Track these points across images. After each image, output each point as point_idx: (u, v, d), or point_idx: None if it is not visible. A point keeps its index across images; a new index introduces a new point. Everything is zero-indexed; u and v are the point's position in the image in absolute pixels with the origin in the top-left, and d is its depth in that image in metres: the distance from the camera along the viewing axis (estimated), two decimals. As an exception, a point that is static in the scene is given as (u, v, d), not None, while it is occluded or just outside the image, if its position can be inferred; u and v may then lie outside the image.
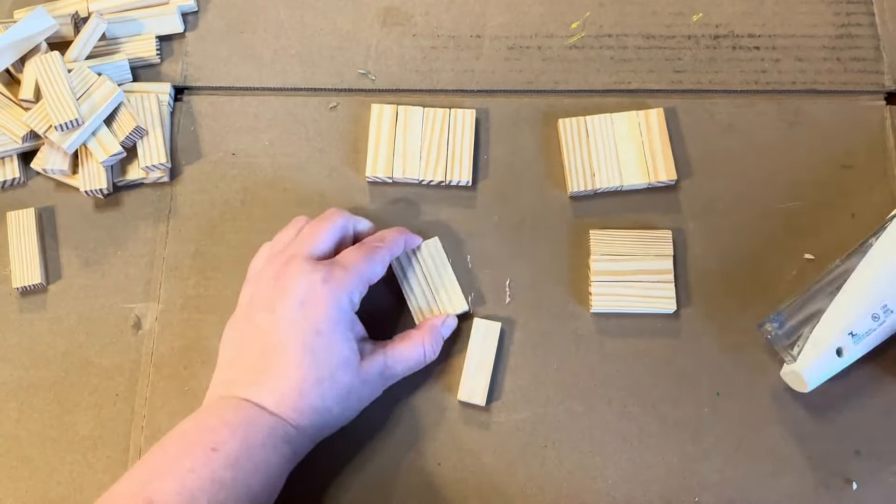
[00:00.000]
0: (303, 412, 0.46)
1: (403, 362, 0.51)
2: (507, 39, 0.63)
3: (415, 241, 0.55)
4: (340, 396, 0.47)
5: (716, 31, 0.63)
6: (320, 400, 0.47)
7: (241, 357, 0.48)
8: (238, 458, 0.44)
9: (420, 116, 0.59)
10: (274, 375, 0.47)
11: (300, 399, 0.46)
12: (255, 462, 0.44)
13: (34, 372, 0.55)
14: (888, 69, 0.62)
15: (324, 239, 0.50)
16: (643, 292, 0.54)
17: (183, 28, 0.63)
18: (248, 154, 0.60)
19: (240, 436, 0.44)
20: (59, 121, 0.55)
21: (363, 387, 0.49)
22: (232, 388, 0.47)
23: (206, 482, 0.42)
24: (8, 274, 0.57)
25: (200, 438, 0.44)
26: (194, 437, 0.45)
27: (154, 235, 0.58)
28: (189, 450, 0.44)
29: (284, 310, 0.47)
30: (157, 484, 0.42)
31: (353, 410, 0.50)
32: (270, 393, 0.46)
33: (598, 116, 0.59)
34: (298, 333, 0.46)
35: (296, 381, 0.46)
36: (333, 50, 0.63)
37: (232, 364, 0.49)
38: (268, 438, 0.45)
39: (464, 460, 0.52)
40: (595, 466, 0.52)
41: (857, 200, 0.58)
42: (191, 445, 0.44)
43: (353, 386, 0.48)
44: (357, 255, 0.50)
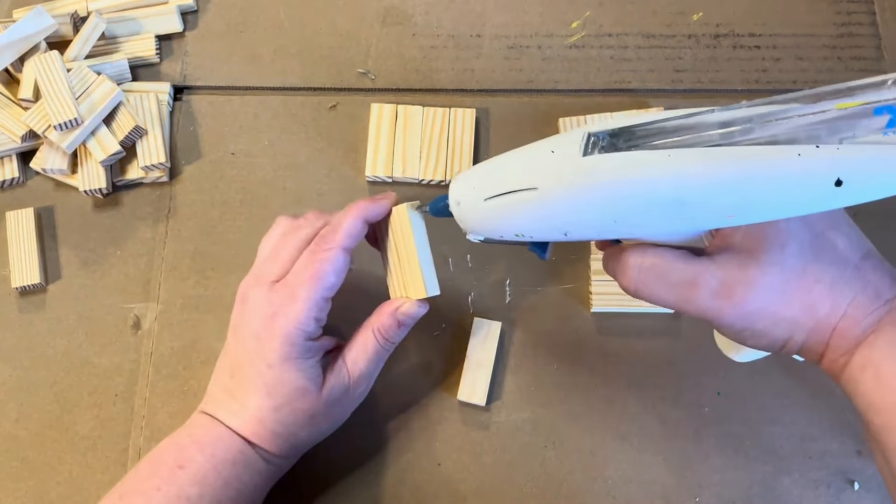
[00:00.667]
0: (265, 438, 0.46)
1: (364, 358, 0.48)
2: (507, 39, 0.63)
3: (377, 209, 0.48)
4: (303, 422, 0.47)
5: (716, 30, 0.63)
6: (282, 427, 0.46)
7: (219, 377, 0.49)
8: (206, 475, 0.44)
9: (420, 116, 0.59)
10: (237, 399, 0.47)
11: (260, 425, 0.46)
12: (225, 478, 0.45)
13: (34, 372, 0.55)
14: (889, 68, 0.61)
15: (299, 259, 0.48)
16: None
17: (182, 27, 0.63)
18: (247, 154, 0.60)
19: (208, 453, 0.45)
20: (58, 120, 0.55)
21: (330, 409, 0.48)
22: (208, 405, 0.48)
23: (173, 499, 0.43)
24: (7, 274, 0.57)
25: (169, 457, 0.45)
26: (163, 456, 0.45)
27: (153, 235, 0.58)
28: (157, 469, 0.45)
29: (244, 337, 0.47)
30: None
31: (324, 432, 0.49)
32: (234, 414, 0.47)
33: (598, 115, 0.59)
34: (254, 363, 0.46)
35: (253, 408, 0.46)
36: (333, 50, 0.63)
37: (214, 382, 0.49)
38: (238, 455, 0.45)
39: (464, 460, 0.52)
40: (595, 466, 0.52)
41: (857, 200, 0.58)
42: (159, 464, 0.45)
43: (315, 411, 0.47)
44: (305, 266, 0.46)
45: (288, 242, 0.48)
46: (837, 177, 0.31)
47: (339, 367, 0.48)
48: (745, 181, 0.33)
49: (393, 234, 0.48)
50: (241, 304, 0.48)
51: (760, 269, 0.36)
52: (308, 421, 0.47)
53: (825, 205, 0.33)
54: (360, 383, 0.48)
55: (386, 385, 0.54)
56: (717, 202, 0.34)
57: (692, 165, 0.33)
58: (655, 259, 0.38)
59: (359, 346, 0.48)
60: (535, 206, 0.38)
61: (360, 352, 0.48)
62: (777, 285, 0.36)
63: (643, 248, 0.39)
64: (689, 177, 0.34)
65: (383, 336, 0.48)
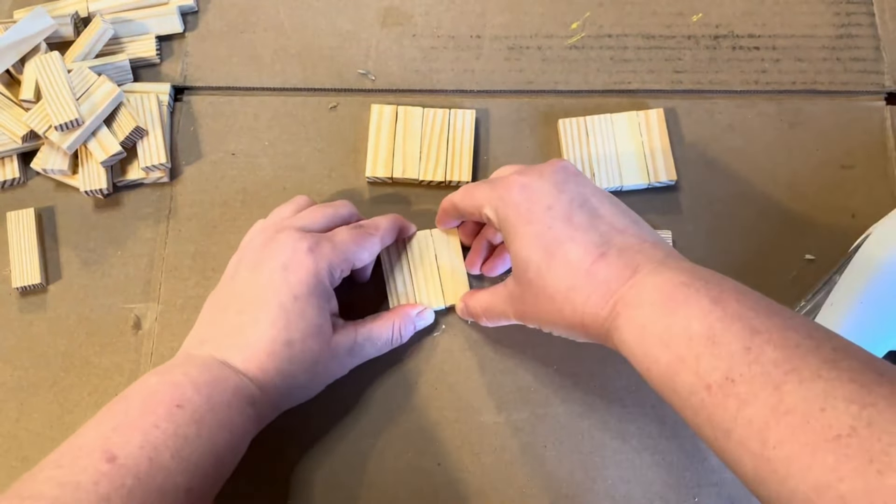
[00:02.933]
0: (268, 372, 0.46)
1: (372, 341, 0.51)
2: (507, 39, 0.63)
3: (409, 229, 0.55)
4: (308, 364, 0.48)
5: (716, 31, 0.63)
6: (287, 363, 0.47)
7: (218, 318, 0.48)
8: (203, 415, 0.43)
9: (420, 116, 0.59)
10: (246, 333, 0.47)
11: (268, 359, 0.46)
12: (220, 420, 0.44)
13: (34, 372, 0.55)
14: (888, 69, 0.62)
15: (323, 223, 0.51)
16: None
17: (183, 28, 0.63)
18: (247, 154, 0.60)
19: (205, 393, 0.44)
20: (58, 121, 0.55)
21: (331, 360, 0.49)
22: (203, 346, 0.47)
23: (170, 437, 0.42)
24: (8, 274, 0.57)
25: (165, 394, 0.44)
26: (159, 393, 0.44)
27: (154, 235, 0.58)
28: (153, 405, 0.44)
29: (267, 271, 0.48)
30: (120, 438, 0.41)
31: (318, 384, 0.50)
32: (240, 350, 0.46)
33: (597, 116, 0.59)
34: (275, 294, 0.47)
35: (266, 340, 0.46)
36: (333, 50, 0.63)
37: (208, 324, 0.49)
38: (233, 398, 0.45)
39: (464, 460, 0.52)
40: (595, 466, 0.52)
41: (857, 201, 0.58)
42: (155, 401, 0.44)
43: (321, 356, 0.48)
44: (348, 235, 0.50)
45: (317, 210, 0.52)
46: None
47: (349, 330, 0.50)
48: None
49: (410, 252, 0.56)
50: (267, 242, 0.49)
51: (519, 289, 0.47)
52: (311, 365, 0.48)
53: None
54: (358, 355, 0.51)
55: (386, 384, 0.54)
56: None
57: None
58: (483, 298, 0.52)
59: (374, 328, 0.52)
60: None
61: (373, 335, 0.51)
62: (532, 300, 0.46)
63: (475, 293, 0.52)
64: None
65: (400, 333, 0.53)
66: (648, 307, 0.40)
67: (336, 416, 0.53)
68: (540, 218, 0.45)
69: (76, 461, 0.40)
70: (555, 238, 0.44)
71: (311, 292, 0.47)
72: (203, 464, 0.43)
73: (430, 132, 0.59)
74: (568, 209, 0.45)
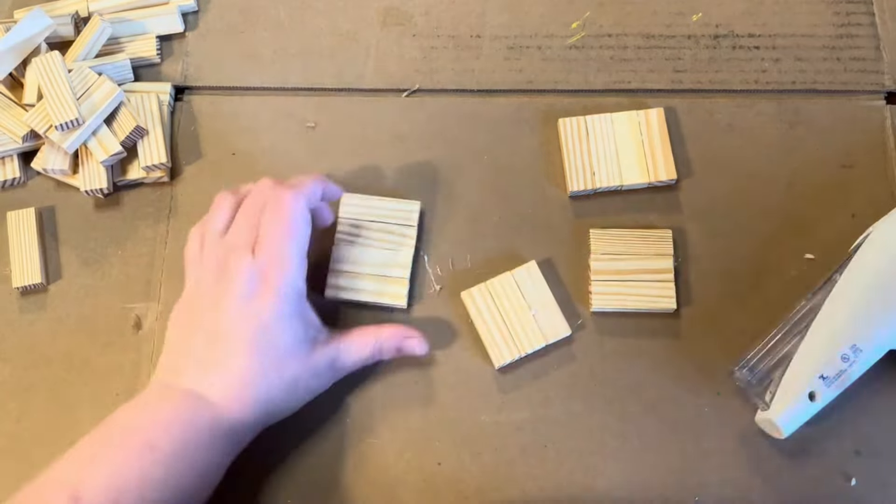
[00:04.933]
0: (246, 403, 0.46)
1: (353, 357, 0.50)
2: (507, 39, 0.63)
3: (334, 191, 0.54)
4: (287, 388, 0.47)
5: (716, 30, 0.63)
6: (266, 392, 0.47)
7: (189, 344, 0.48)
8: (173, 457, 0.43)
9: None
10: (219, 366, 0.46)
11: (244, 390, 0.46)
12: (190, 461, 0.44)
13: (34, 371, 0.55)
14: (888, 69, 0.62)
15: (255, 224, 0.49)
16: (643, 291, 0.54)
17: (183, 28, 0.63)
18: (248, 154, 0.60)
19: (177, 435, 0.44)
20: (59, 120, 0.55)
21: (312, 378, 0.49)
22: (178, 377, 0.47)
23: (136, 480, 0.42)
24: (8, 273, 0.57)
25: (136, 434, 0.44)
26: (130, 432, 0.44)
27: (154, 235, 0.58)
28: (122, 445, 0.44)
29: (229, 307, 0.47)
30: (86, 478, 0.42)
31: (300, 401, 0.50)
32: (214, 384, 0.46)
33: (597, 116, 0.59)
34: (244, 327, 0.46)
35: (241, 373, 0.46)
36: (333, 50, 0.63)
37: (178, 351, 0.48)
38: (206, 435, 0.45)
39: (464, 460, 0.52)
40: (595, 466, 0.52)
41: (857, 200, 0.58)
42: (124, 440, 0.44)
43: (299, 376, 0.48)
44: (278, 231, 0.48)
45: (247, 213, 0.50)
46: None
47: (329, 346, 0.49)
48: None
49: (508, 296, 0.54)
50: (219, 274, 0.48)
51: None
52: (290, 386, 0.47)
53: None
54: (339, 370, 0.50)
55: (385, 384, 0.54)
56: None
57: None
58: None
59: (356, 344, 0.50)
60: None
61: (354, 349, 0.50)
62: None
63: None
64: None
65: (381, 348, 0.51)
66: None
67: (336, 415, 0.53)
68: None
69: (41, 500, 0.41)
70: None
71: (280, 316, 0.47)
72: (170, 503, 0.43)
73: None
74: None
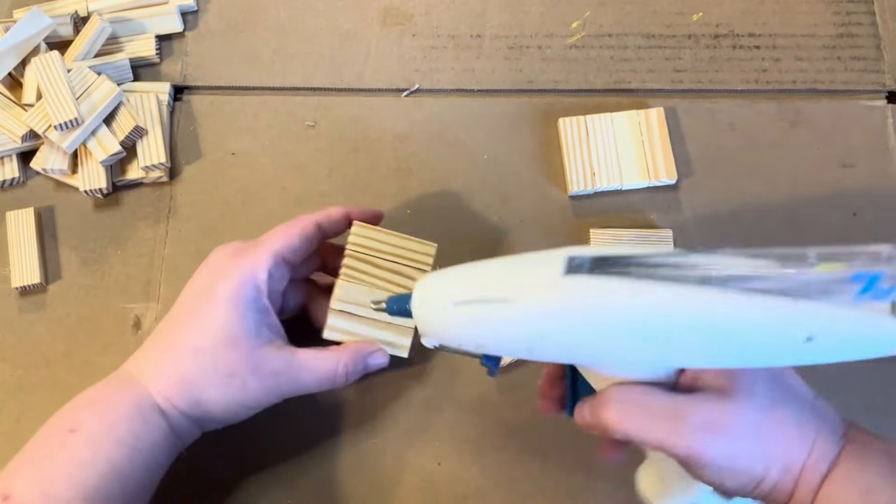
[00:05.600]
0: (171, 380, 0.44)
1: (311, 372, 0.46)
2: (507, 39, 0.63)
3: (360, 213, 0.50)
4: (219, 376, 0.44)
5: (716, 30, 0.63)
6: (194, 372, 0.44)
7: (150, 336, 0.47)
8: (99, 434, 0.42)
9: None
10: (156, 342, 0.46)
11: (173, 366, 0.44)
12: (119, 436, 0.42)
13: (34, 372, 0.55)
14: (889, 68, 0.61)
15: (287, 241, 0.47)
16: None
17: (182, 28, 0.63)
18: (247, 154, 0.60)
19: (100, 410, 0.43)
20: (58, 120, 0.55)
21: (252, 377, 0.45)
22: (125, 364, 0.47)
23: (64, 465, 0.41)
24: (7, 274, 0.57)
25: (60, 421, 0.44)
26: (55, 421, 0.44)
27: (154, 235, 0.58)
28: (48, 435, 0.43)
29: (192, 281, 0.47)
30: (15, 477, 0.41)
31: (238, 403, 0.45)
32: (146, 359, 0.45)
33: (598, 116, 0.59)
34: (193, 300, 0.46)
35: (171, 347, 0.45)
36: (333, 50, 0.63)
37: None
38: (133, 409, 0.43)
39: (464, 460, 0.52)
40: (595, 467, 0.52)
41: (858, 199, 0.58)
42: (50, 430, 0.43)
43: (237, 369, 0.44)
44: (274, 230, 0.48)
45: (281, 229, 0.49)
46: (809, 334, 0.33)
47: (284, 351, 0.46)
48: (718, 325, 0.34)
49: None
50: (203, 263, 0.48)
51: (738, 405, 0.37)
52: (224, 379, 0.44)
53: (795, 359, 0.35)
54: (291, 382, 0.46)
55: (385, 384, 0.54)
56: (686, 341, 0.35)
57: (667, 301, 0.34)
58: (636, 393, 0.38)
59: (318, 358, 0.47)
60: (506, 318, 0.37)
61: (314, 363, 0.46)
62: (753, 422, 0.37)
63: (622, 384, 0.39)
64: (662, 313, 0.34)
65: (346, 371, 0.47)
66: (875, 469, 0.37)
67: (337, 415, 0.53)
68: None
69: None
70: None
71: (231, 298, 0.44)
72: (104, 485, 0.41)
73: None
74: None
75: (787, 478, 0.38)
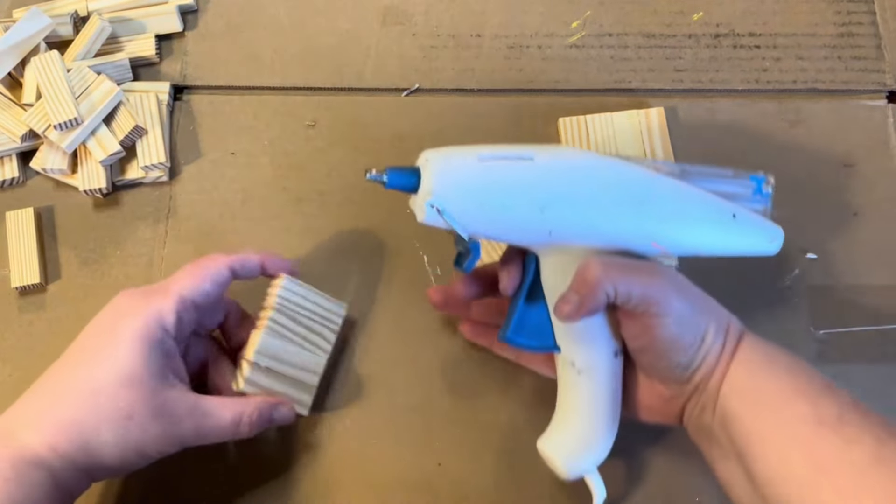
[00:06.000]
0: (61, 424, 0.41)
1: (215, 419, 0.44)
2: (507, 38, 0.63)
3: (277, 264, 0.49)
4: (117, 418, 0.41)
5: (716, 30, 0.63)
6: (88, 414, 0.41)
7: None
8: None
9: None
10: (38, 389, 0.42)
11: (64, 409, 0.41)
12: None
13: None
14: (889, 68, 0.61)
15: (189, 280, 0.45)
16: None
17: (182, 27, 0.63)
18: (247, 153, 0.60)
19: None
20: (57, 120, 0.55)
21: (152, 420, 0.42)
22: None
23: None
24: (7, 274, 0.57)
25: None
26: None
27: (153, 235, 0.58)
28: None
29: (95, 321, 0.44)
30: None
31: (135, 449, 0.42)
32: (23, 408, 0.42)
33: (598, 115, 0.59)
34: (93, 339, 0.43)
35: (63, 390, 0.42)
36: (333, 50, 0.63)
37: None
38: (8, 471, 0.39)
39: (464, 460, 0.52)
40: (595, 466, 0.52)
41: (859, 199, 0.58)
42: None
43: (136, 411, 0.42)
44: (183, 270, 0.46)
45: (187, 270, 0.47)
46: (734, 212, 0.46)
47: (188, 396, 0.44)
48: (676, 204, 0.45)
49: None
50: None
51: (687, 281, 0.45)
52: (122, 421, 0.41)
53: (724, 231, 0.46)
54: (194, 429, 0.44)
55: (385, 384, 0.54)
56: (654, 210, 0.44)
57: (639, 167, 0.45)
58: (615, 257, 0.44)
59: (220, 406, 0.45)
60: (529, 172, 0.43)
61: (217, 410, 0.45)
62: (698, 293, 0.45)
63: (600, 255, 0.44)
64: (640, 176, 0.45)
65: (249, 421, 0.46)
66: (776, 348, 0.44)
67: (337, 415, 0.53)
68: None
69: None
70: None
71: (135, 337, 0.42)
72: None
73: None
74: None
75: (719, 337, 0.43)
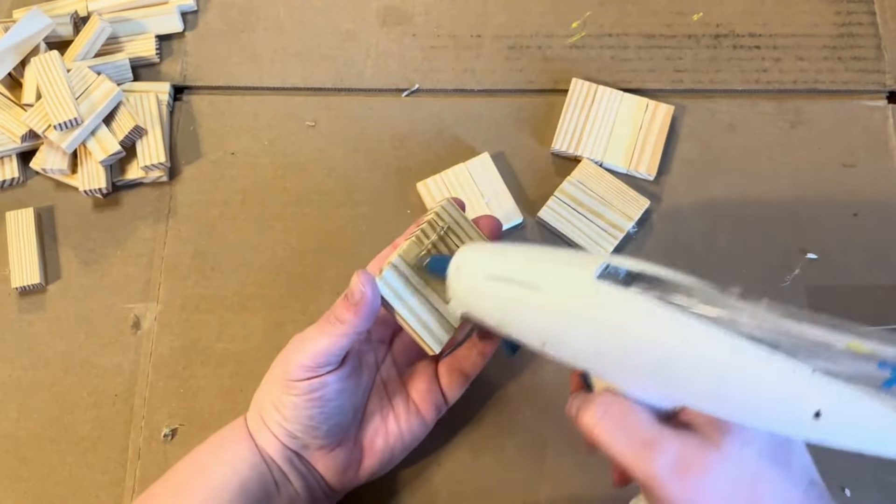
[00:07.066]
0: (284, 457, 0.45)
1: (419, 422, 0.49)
2: (508, 39, 0.63)
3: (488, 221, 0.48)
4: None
5: (716, 30, 0.63)
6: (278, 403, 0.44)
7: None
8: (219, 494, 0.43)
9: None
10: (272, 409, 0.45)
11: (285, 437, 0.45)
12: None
13: (33, 372, 0.55)
14: (889, 68, 0.61)
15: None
16: (588, 231, 0.55)
17: (182, 27, 0.63)
18: (247, 154, 0.60)
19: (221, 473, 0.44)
20: (57, 120, 0.55)
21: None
22: (251, 415, 0.47)
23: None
24: (7, 274, 0.57)
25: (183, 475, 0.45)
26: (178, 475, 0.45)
27: (153, 235, 0.58)
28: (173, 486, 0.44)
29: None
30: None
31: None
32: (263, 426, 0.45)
33: (610, 89, 0.59)
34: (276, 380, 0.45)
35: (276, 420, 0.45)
36: (333, 50, 0.63)
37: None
38: (253, 477, 0.44)
39: (464, 460, 0.52)
40: (595, 467, 0.52)
41: (859, 199, 0.58)
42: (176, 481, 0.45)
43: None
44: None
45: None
46: (818, 409, 0.31)
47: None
48: (726, 374, 0.33)
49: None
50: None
51: (719, 457, 0.35)
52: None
53: (797, 431, 0.32)
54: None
55: (386, 385, 0.54)
56: (692, 381, 0.34)
57: (679, 334, 0.33)
58: (625, 407, 0.36)
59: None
60: (530, 305, 0.38)
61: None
62: (730, 480, 0.34)
63: (616, 395, 0.37)
64: (674, 345, 0.34)
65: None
66: None
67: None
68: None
69: None
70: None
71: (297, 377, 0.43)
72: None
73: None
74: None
75: None
